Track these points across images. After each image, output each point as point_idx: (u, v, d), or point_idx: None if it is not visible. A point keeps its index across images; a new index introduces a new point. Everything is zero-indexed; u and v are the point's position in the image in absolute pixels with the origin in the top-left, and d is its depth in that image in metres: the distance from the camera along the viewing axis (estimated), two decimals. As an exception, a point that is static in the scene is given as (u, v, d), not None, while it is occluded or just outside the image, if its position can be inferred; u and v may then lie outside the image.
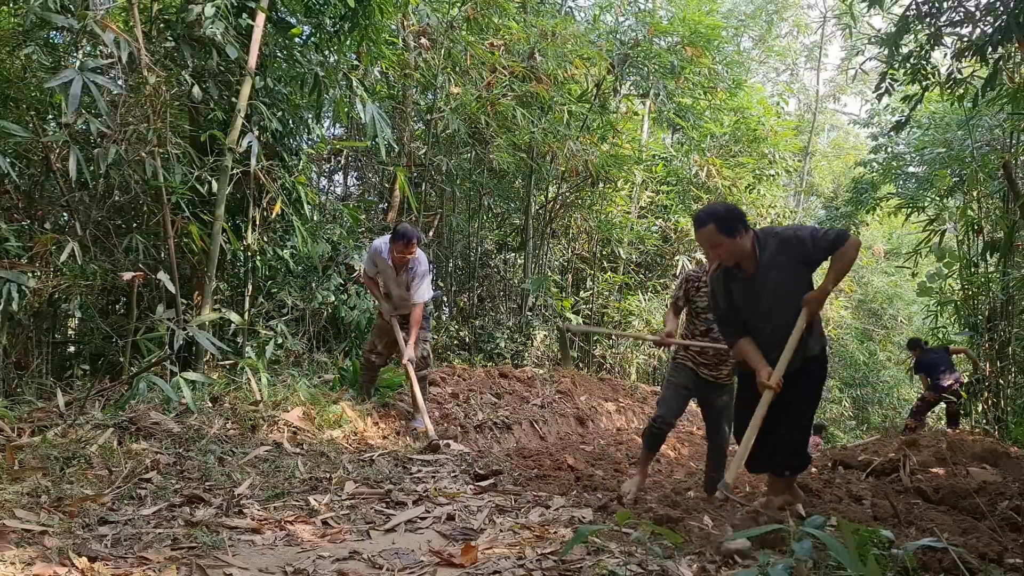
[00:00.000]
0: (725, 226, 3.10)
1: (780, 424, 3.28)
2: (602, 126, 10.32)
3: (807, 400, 3.31)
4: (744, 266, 3.19)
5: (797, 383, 3.22)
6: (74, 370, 6.18)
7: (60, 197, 5.43)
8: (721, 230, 3.10)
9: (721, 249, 3.14)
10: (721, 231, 3.10)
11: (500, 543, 2.93)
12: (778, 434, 3.29)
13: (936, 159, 10.30)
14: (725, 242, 3.11)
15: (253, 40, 5.51)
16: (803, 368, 3.23)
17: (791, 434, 3.27)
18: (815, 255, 3.13)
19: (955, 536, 3.19)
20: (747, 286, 3.23)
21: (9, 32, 5.58)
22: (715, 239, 3.11)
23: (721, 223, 3.10)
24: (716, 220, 3.11)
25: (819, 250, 3.11)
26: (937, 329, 10.16)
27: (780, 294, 3.16)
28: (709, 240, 3.14)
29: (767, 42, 20.25)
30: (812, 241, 3.10)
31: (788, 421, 3.27)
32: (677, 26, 11.47)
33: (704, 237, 3.16)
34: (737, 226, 3.11)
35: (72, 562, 2.37)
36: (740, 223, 3.12)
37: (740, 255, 3.15)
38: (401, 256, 5.09)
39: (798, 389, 3.23)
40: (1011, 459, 4.88)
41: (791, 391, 3.22)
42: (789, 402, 3.23)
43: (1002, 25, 4.85)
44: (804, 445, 3.34)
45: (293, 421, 4.60)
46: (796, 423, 3.27)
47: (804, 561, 2.04)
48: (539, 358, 10.02)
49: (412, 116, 8.94)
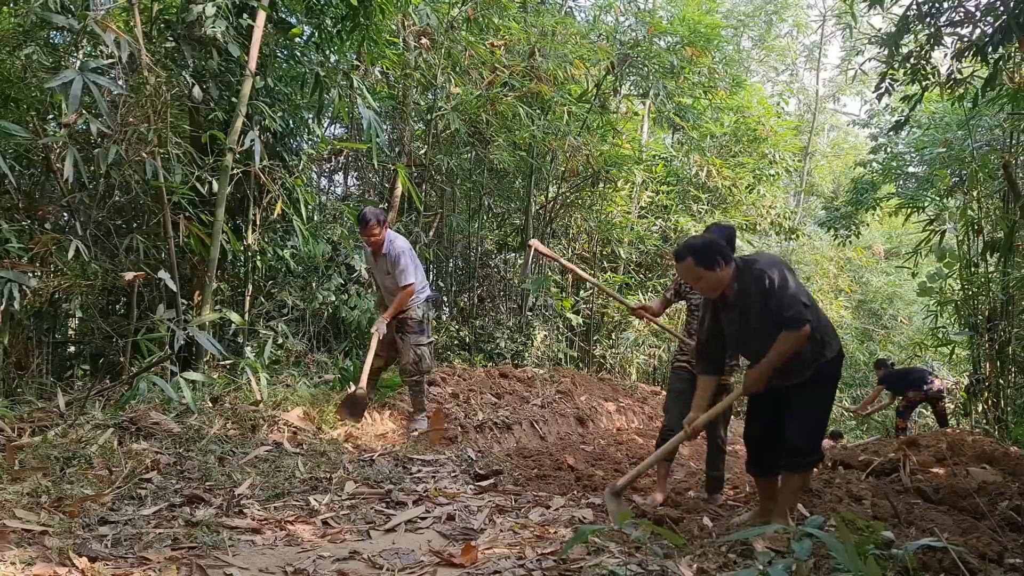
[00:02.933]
0: (703, 260, 3.16)
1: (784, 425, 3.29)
2: (602, 126, 10.31)
3: (814, 403, 3.29)
4: (726, 293, 3.25)
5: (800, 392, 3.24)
6: (74, 370, 6.19)
7: (61, 197, 5.43)
8: (699, 263, 3.16)
9: (701, 282, 3.21)
10: (699, 264, 3.16)
11: (500, 543, 2.93)
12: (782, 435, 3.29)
13: (936, 159, 10.30)
14: (705, 275, 3.17)
15: (253, 40, 5.52)
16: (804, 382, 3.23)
17: (794, 433, 3.26)
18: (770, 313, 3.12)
19: (955, 536, 3.19)
20: (726, 312, 3.30)
21: (10, 32, 5.58)
22: (694, 272, 3.18)
23: (699, 257, 3.16)
24: (694, 254, 3.17)
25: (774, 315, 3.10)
26: (937, 329, 10.17)
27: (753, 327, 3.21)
28: (689, 273, 3.22)
29: (767, 42, 20.25)
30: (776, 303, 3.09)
31: (792, 422, 3.27)
32: (677, 26, 11.46)
33: (684, 270, 3.24)
34: (716, 259, 3.16)
35: (72, 562, 2.37)
36: (719, 256, 3.17)
37: (721, 286, 3.21)
38: (368, 240, 5.14)
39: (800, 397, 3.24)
40: (1011, 459, 4.87)
41: (794, 399, 3.24)
42: (794, 404, 3.24)
43: (1002, 25, 4.85)
44: (811, 446, 3.30)
45: (293, 421, 4.61)
46: (800, 424, 3.26)
47: (804, 561, 2.04)
48: (539, 358, 10.01)
49: (412, 116, 8.94)
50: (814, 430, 3.31)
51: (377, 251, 5.20)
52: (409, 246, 5.30)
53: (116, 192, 5.74)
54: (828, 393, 3.37)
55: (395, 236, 5.25)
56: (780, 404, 3.31)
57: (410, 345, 5.26)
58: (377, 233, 5.09)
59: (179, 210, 5.59)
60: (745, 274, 3.19)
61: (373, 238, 5.10)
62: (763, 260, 3.22)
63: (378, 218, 5.12)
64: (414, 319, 5.28)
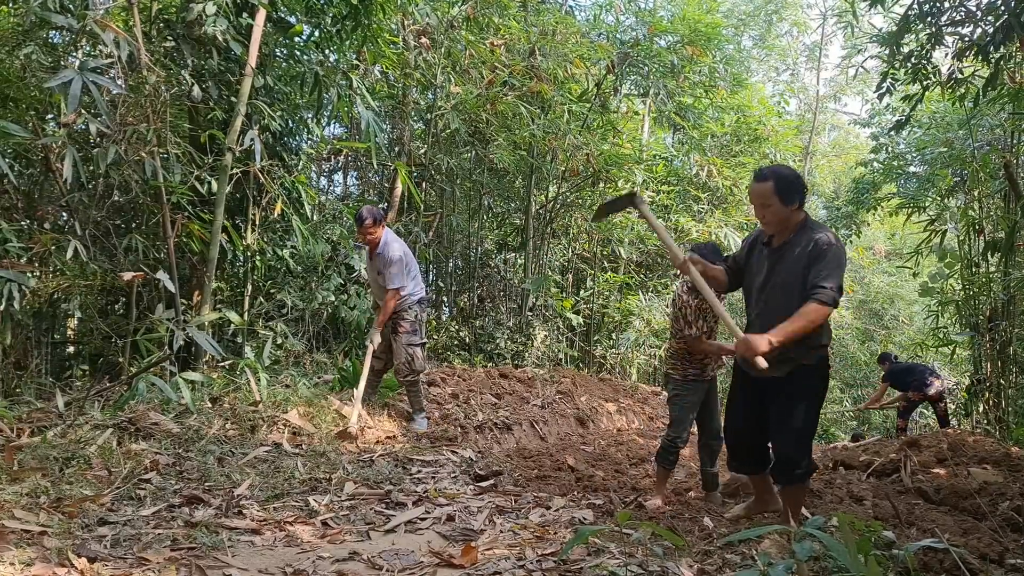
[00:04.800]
0: (783, 189, 2.95)
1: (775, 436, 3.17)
2: (602, 125, 10.30)
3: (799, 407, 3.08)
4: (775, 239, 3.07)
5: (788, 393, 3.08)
6: (73, 370, 6.19)
7: (60, 197, 5.43)
8: (777, 191, 2.95)
9: (769, 210, 3.00)
10: (777, 192, 2.95)
11: (500, 544, 2.92)
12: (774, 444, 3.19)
13: (937, 159, 10.29)
14: (775, 205, 2.97)
15: (253, 39, 5.51)
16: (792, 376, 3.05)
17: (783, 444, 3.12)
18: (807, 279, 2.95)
19: (956, 536, 3.18)
20: (765, 257, 3.12)
21: (9, 32, 5.58)
22: (768, 198, 2.97)
23: (781, 184, 2.95)
24: (777, 179, 2.96)
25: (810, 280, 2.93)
26: (938, 329, 10.15)
27: (778, 280, 3.06)
28: (761, 196, 2.99)
29: (767, 41, 20.24)
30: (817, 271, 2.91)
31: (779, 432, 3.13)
32: (677, 25, 11.46)
33: (758, 192, 3.00)
34: (794, 196, 2.97)
35: (71, 563, 2.37)
36: (799, 195, 2.98)
37: (782, 226, 3.03)
38: (364, 238, 5.16)
39: (788, 399, 3.08)
40: (1012, 459, 4.86)
41: (783, 400, 3.09)
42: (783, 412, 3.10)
43: (1003, 24, 4.84)
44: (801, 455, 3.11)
45: (293, 421, 4.60)
46: (786, 432, 3.10)
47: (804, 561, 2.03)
48: (539, 358, 10.00)
49: (412, 115, 8.94)
50: (801, 439, 3.11)
51: (372, 250, 5.23)
52: (405, 251, 5.25)
53: (115, 192, 5.74)
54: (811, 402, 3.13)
55: (393, 239, 5.23)
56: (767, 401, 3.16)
57: (403, 345, 5.27)
58: (373, 232, 5.10)
59: (178, 210, 5.58)
60: (809, 232, 3.01)
61: (369, 236, 5.12)
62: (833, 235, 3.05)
63: (374, 216, 5.12)
64: (407, 320, 5.29)
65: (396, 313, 5.26)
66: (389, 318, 5.26)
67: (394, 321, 5.28)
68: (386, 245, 5.15)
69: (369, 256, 5.32)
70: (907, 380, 8.76)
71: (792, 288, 2.99)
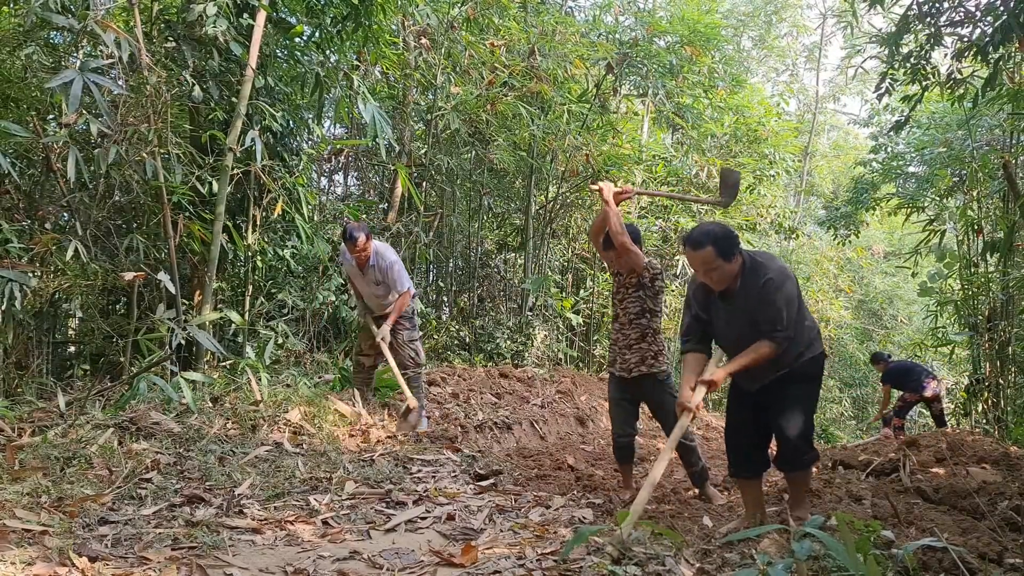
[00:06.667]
0: (724, 250, 2.98)
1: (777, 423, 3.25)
2: (602, 126, 10.31)
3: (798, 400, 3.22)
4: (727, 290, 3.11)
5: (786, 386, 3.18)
6: (74, 370, 6.19)
7: (61, 197, 5.44)
8: (720, 254, 2.98)
9: (715, 273, 3.03)
10: (720, 255, 2.98)
11: (500, 543, 2.93)
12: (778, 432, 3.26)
13: (936, 159, 10.30)
14: (722, 266, 3.00)
15: (254, 39, 5.52)
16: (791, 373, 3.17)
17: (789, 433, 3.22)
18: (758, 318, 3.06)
19: (955, 536, 3.19)
20: (722, 309, 3.16)
21: (10, 32, 5.59)
22: (712, 263, 2.99)
23: (721, 246, 2.97)
24: (715, 243, 2.97)
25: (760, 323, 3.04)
26: (937, 329, 10.17)
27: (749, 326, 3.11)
28: (705, 263, 3.00)
29: (767, 42, 20.25)
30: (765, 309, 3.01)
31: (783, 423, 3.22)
32: (676, 25, 11.46)
33: (700, 260, 3.01)
34: (733, 251, 3.00)
35: (72, 562, 2.37)
36: (736, 246, 3.03)
37: (728, 279, 3.07)
38: (358, 256, 5.12)
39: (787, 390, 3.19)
40: (1011, 459, 4.87)
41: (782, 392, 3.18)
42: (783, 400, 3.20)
43: (1003, 25, 4.85)
44: (806, 442, 3.25)
45: (293, 421, 4.61)
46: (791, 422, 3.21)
47: (803, 560, 2.04)
48: (539, 358, 10.01)
49: (412, 116, 8.94)
50: (804, 427, 3.23)
51: (363, 264, 5.19)
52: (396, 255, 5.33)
53: (116, 192, 5.75)
54: (811, 390, 3.28)
55: (381, 246, 5.25)
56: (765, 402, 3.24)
57: (405, 343, 5.35)
58: (366, 248, 5.09)
59: (179, 210, 5.59)
60: (752, 275, 3.06)
61: (364, 253, 5.10)
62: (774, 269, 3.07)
63: (366, 232, 5.11)
64: (404, 317, 5.35)
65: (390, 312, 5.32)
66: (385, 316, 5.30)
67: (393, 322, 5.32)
68: (377, 254, 5.15)
69: (360, 270, 5.25)
70: (903, 382, 8.78)
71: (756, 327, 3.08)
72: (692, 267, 3.11)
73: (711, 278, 3.06)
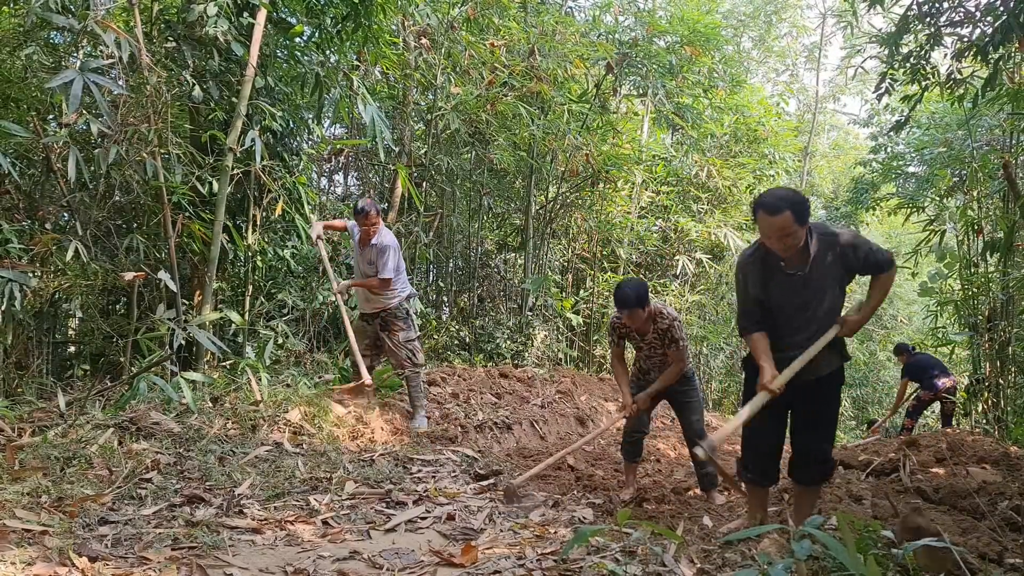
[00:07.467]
0: (800, 215, 2.80)
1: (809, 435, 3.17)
2: (602, 126, 10.32)
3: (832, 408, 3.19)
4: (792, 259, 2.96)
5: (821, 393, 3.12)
6: (74, 370, 6.19)
7: (61, 197, 5.44)
8: (797, 219, 2.79)
9: (790, 238, 2.83)
10: (797, 221, 2.79)
11: (500, 543, 2.93)
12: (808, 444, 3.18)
13: (936, 159, 10.31)
14: (797, 232, 2.82)
15: (254, 39, 5.52)
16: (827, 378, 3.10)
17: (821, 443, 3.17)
18: (860, 268, 2.99)
19: (955, 536, 3.19)
20: (787, 280, 3.01)
21: (10, 32, 5.58)
22: (790, 228, 2.79)
23: (798, 211, 2.79)
24: (792, 207, 2.78)
25: (867, 265, 2.97)
26: (937, 329, 10.16)
27: (818, 295, 3.00)
28: (783, 229, 2.80)
29: (766, 42, 20.25)
30: (865, 253, 2.94)
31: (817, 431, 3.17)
32: (676, 25, 11.46)
33: (778, 225, 2.80)
34: (807, 216, 2.85)
35: (72, 562, 2.38)
36: (809, 212, 2.87)
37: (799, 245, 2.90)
38: (366, 230, 5.26)
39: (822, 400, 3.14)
40: (1011, 459, 4.87)
41: (816, 402, 3.12)
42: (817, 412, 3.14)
43: (1002, 25, 4.85)
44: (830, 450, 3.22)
45: (293, 421, 4.61)
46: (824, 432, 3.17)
47: (803, 560, 2.04)
48: (539, 358, 10.01)
49: (412, 116, 8.94)
50: (833, 435, 3.22)
51: (366, 241, 5.31)
52: (398, 244, 5.45)
53: (116, 192, 5.75)
54: (838, 400, 3.25)
55: (387, 232, 5.37)
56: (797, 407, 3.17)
57: (401, 344, 5.37)
58: (376, 222, 5.24)
59: (179, 210, 5.59)
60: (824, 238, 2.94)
61: (373, 227, 5.23)
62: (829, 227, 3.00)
63: (377, 208, 5.30)
64: (399, 318, 5.37)
65: (388, 313, 5.36)
66: (378, 316, 5.38)
67: (386, 322, 5.38)
68: (381, 236, 5.28)
69: (360, 246, 5.38)
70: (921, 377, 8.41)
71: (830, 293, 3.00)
72: (764, 233, 2.88)
73: (785, 243, 2.87)
